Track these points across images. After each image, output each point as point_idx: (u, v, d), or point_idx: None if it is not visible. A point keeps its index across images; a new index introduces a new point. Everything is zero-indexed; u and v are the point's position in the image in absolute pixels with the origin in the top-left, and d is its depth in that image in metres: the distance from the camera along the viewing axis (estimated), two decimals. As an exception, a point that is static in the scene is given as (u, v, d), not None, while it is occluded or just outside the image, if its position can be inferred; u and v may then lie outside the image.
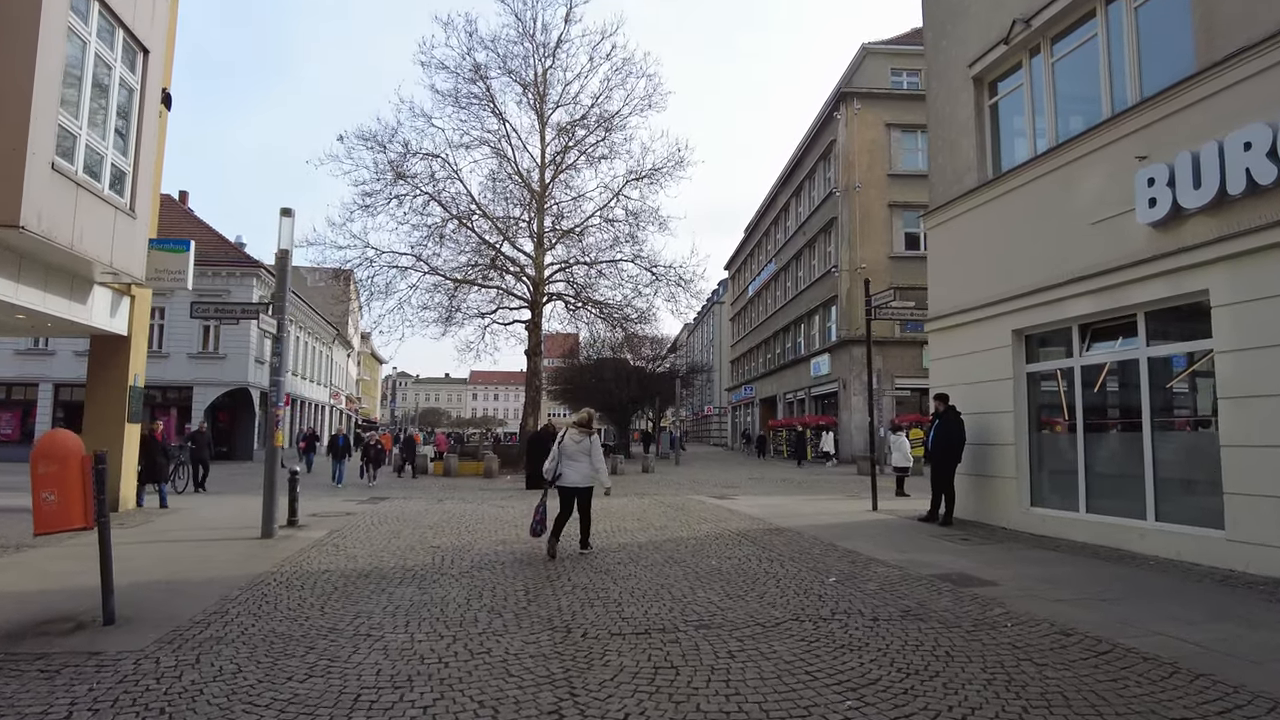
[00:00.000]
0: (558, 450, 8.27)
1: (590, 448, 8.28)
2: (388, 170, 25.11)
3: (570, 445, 8.24)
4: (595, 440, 8.44)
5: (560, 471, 8.19)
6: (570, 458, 8.21)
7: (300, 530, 10.13)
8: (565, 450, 8.23)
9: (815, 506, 13.16)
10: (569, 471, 8.19)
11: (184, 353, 31.79)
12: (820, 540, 9.05)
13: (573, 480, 8.21)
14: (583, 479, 8.25)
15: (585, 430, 8.42)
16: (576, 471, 8.20)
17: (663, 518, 11.52)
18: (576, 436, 8.30)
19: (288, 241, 9.78)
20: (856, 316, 31.64)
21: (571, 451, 8.22)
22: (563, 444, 8.27)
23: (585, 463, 8.23)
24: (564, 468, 8.19)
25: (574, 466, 8.20)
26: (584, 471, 8.23)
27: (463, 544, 9.01)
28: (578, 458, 8.22)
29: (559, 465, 8.20)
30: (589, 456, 8.24)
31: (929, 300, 12.09)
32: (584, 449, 8.25)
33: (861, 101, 32.96)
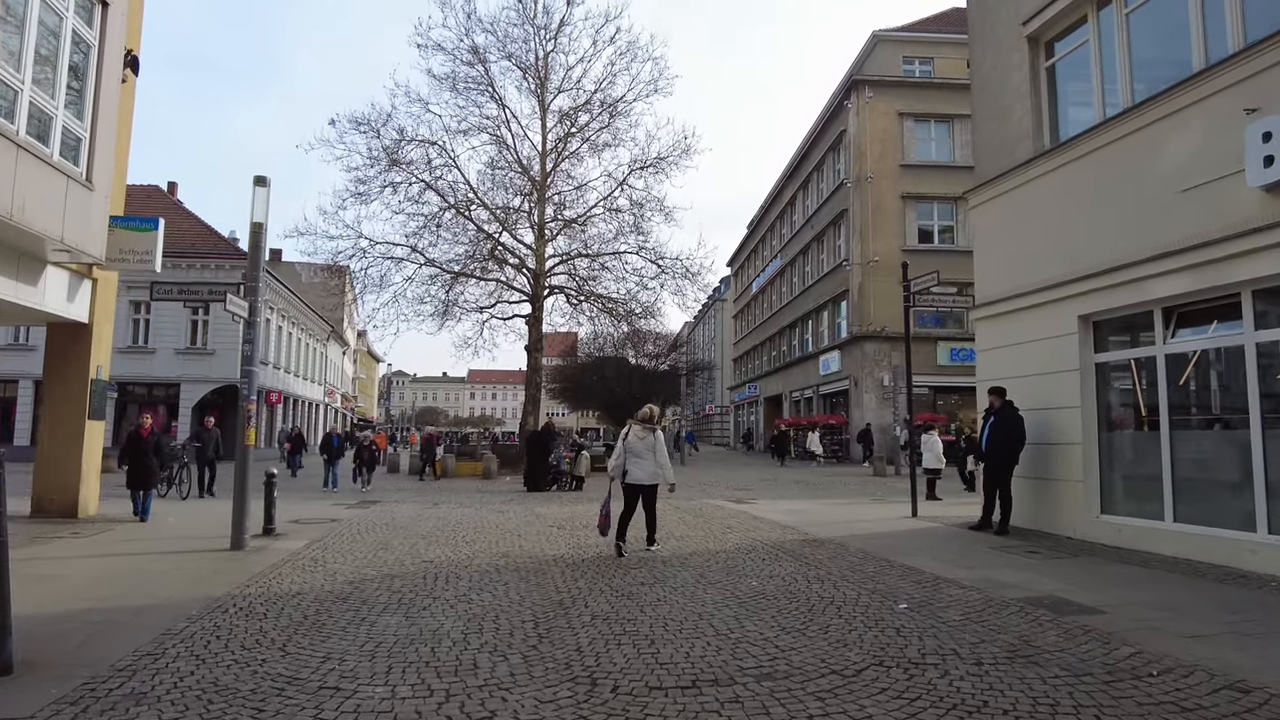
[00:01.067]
0: (622, 447, 8.32)
1: (655, 444, 8.22)
2: (382, 156, 23.94)
3: (635, 442, 8.21)
4: (660, 436, 8.35)
5: (626, 469, 8.19)
6: (636, 455, 8.19)
7: (276, 540, 9.00)
8: (630, 447, 8.22)
9: (847, 513, 12.04)
10: (634, 469, 8.17)
11: (170, 348, 30.64)
12: (869, 554, 7.93)
13: (638, 477, 8.19)
14: (648, 476, 8.20)
15: (649, 426, 8.33)
16: (642, 469, 8.17)
17: (682, 526, 10.39)
18: (641, 433, 8.24)
19: (262, 214, 8.65)
20: (869, 311, 30.58)
21: (637, 449, 8.19)
22: (627, 441, 8.28)
23: (650, 459, 8.19)
24: (629, 465, 8.19)
25: (639, 464, 8.17)
26: (649, 468, 8.18)
27: (459, 558, 7.88)
28: (643, 454, 8.18)
29: (624, 462, 8.21)
30: (654, 453, 8.19)
31: (976, 285, 10.98)
32: (649, 445, 8.20)
33: (873, 89, 31.85)
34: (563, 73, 25.97)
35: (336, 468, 18.69)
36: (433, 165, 24.86)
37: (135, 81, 11.66)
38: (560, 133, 25.91)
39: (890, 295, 30.87)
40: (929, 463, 14.35)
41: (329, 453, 19.13)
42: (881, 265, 30.57)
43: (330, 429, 21.85)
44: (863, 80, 32.00)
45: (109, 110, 9.80)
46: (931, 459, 14.33)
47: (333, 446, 19.22)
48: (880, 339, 30.39)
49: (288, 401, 39.86)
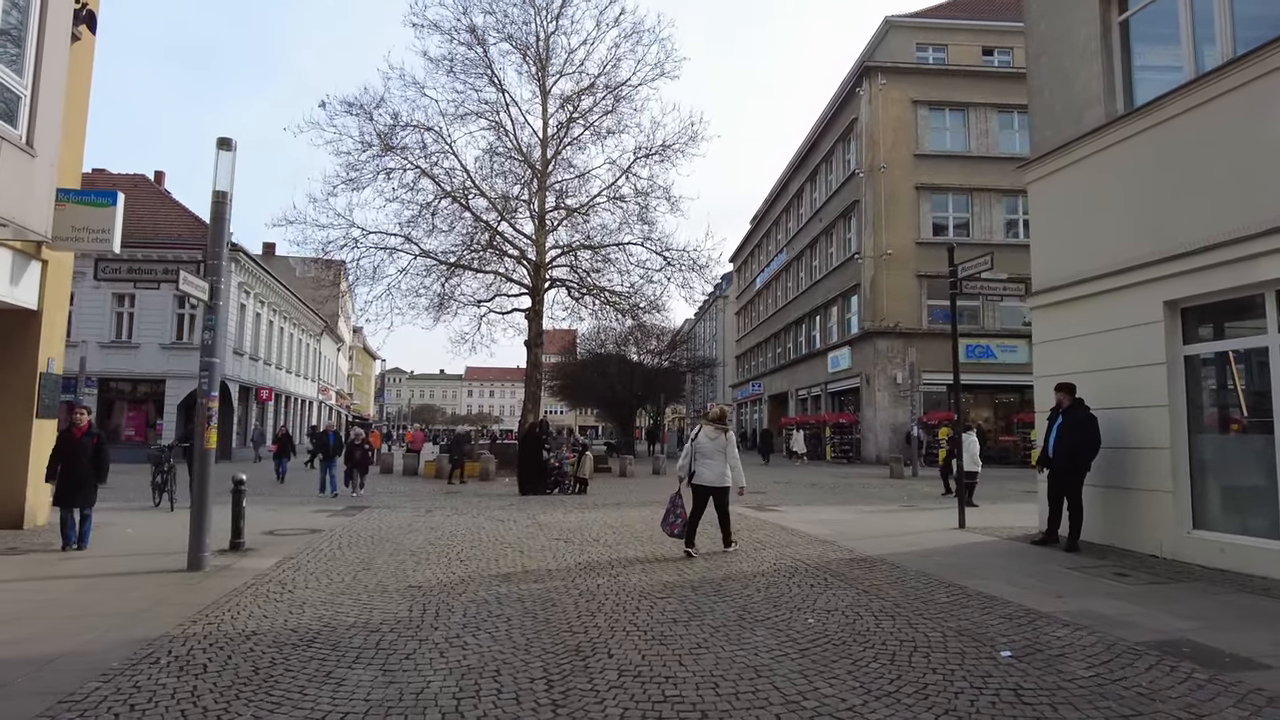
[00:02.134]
0: (691, 448, 8.12)
1: (726, 445, 8.01)
2: (375, 141, 22.73)
3: (705, 443, 8.01)
4: (731, 437, 8.15)
5: (694, 469, 8.00)
6: (705, 455, 8.00)
7: (243, 558, 7.84)
8: (700, 448, 8.03)
9: (885, 523, 10.89)
10: (703, 470, 7.98)
11: (155, 343, 29.41)
12: (932, 577, 6.78)
13: (707, 479, 7.98)
14: (717, 477, 7.98)
15: (720, 427, 8.10)
16: (711, 470, 7.97)
17: (707, 540, 9.24)
18: (711, 433, 8.03)
19: (226, 181, 7.48)
20: (881, 306, 29.46)
21: (706, 449, 8.00)
22: (697, 441, 8.09)
23: (720, 460, 7.98)
24: (698, 466, 8.00)
25: (708, 465, 7.97)
26: (718, 470, 7.97)
27: (452, 580, 6.73)
28: (713, 455, 7.98)
29: (693, 463, 8.03)
30: (724, 454, 7.99)
31: (1033, 270, 9.82)
32: (719, 446, 8.00)
33: (886, 76, 30.72)
34: (564, 55, 24.80)
35: (334, 469, 16.64)
36: (428, 151, 23.68)
37: (94, 43, 10.49)
38: (562, 118, 24.72)
39: (904, 290, 29.82)
40: (965, 465, 13.16)
41: (325, 453, 17.02)
42: (895, 258, 29.50)
43: (327, 426, 20.14)
44: (875, 67, 30.86)
45: (55, 68, 8.63)
46: (968, 461, 13.15)
47: (329, 446, 17.05)
48: (893, 335, 29.27)
49: (279, 399, 38.66)
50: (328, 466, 16.52)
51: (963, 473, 13.08)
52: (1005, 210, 30.45)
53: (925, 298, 29.88)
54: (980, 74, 31.24)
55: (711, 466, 7.95)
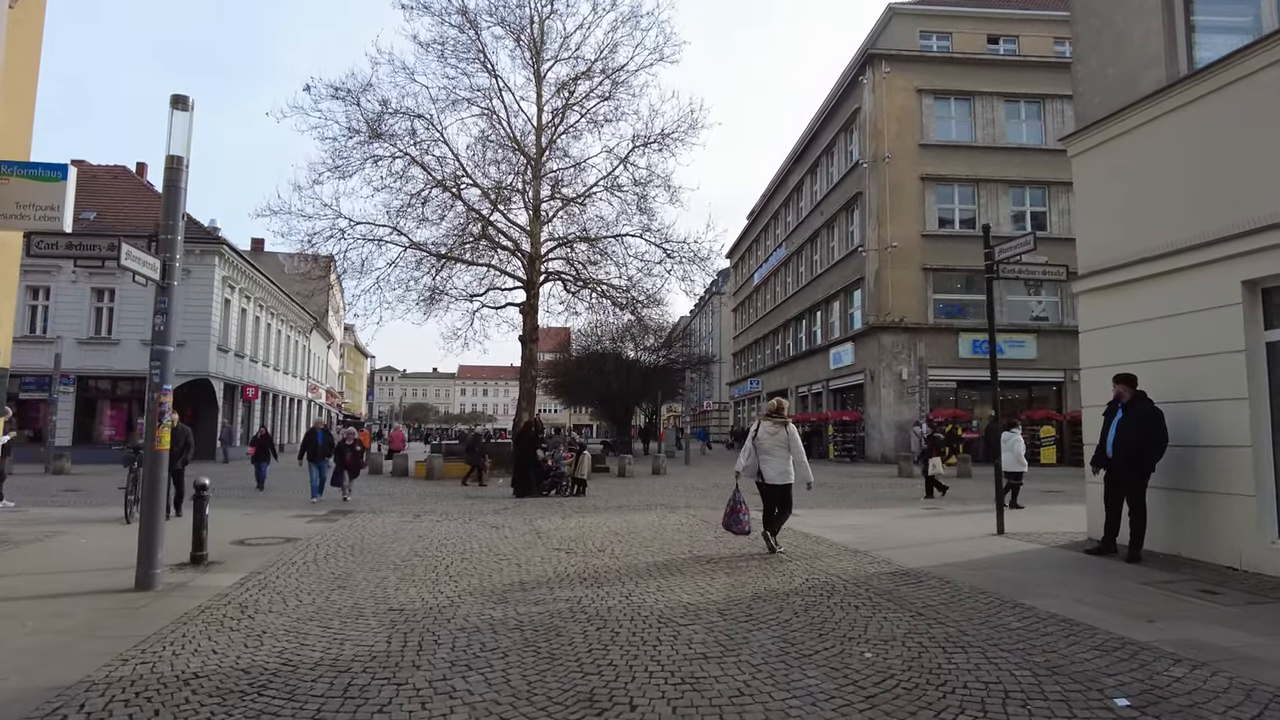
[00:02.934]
0: (752, 445, 7.81)
1: (788, 440, 7.70)
2: (362, 126, 21.74)
3: (766, 439, 7.72)
4: (793, 431, 7.80)
5: (760, 469, 7.74)
6: (767, 452, 7.71)
7: (204, 573, 6.92)
8: (761, 445, 7.74)
9: (915, 529, 10.02)
10: (767, 468, 7.70)
11: (136, 339, 28.26)
12: (991, 595, 5.92)
13: (771, 477, 7.70)
14: (779, 474, 7.69)
15: (779, 420, 7.78)
16: (774, 467, 7.68)
17: (723, 549, 8.35)
18: (771, 429, 7.74)
19: (181, 144, 6.55)
20: (886, 301, 28.62)
21: (768, 445, 7.71)
22: (757, 438, 7.77)
23: (783, 457, 7.70)
24: (762, 464, 7.72)
25: (772, 462, 7.68)
26: (780, 466, 7.69)
27: (440, 603, 5.82)
28: (775, 452, 7.69)
29: (756, 460, 7.75)
30: (786, 450, 7.69)
31: (1079, 250, 8.97)
32: (780, 441, 7.70)
33: (890, 64, 29.89)
34: (560, 40, 23.86)
35: (324, 471, 15.06)
36: (418, 139, 22.69)
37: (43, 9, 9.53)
38: (557, 105, 23.79)
39: (910, 283, 29.00)
40: (1009, 465, 12.33)
41: (313, 452, 15.17)
42: (900, 251, 28.68)
43: (315, 423, 16.90)
44: (879, 54, 30.02)
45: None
46: (1012, 460, 12.31)
47: (318, 445, 15.20)
48: (898, 330, 28.46)
49: (266, 397, 37.61)
50: (317, 468, 14.94)
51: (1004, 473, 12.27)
52: (1012, 202, 29.70)
53: (931, 292, 29.08)
54: (986, 62, 30.47)
55: (774, 463, 7.67)
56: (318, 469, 14.95)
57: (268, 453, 17.40)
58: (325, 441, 15.43)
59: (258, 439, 18.12)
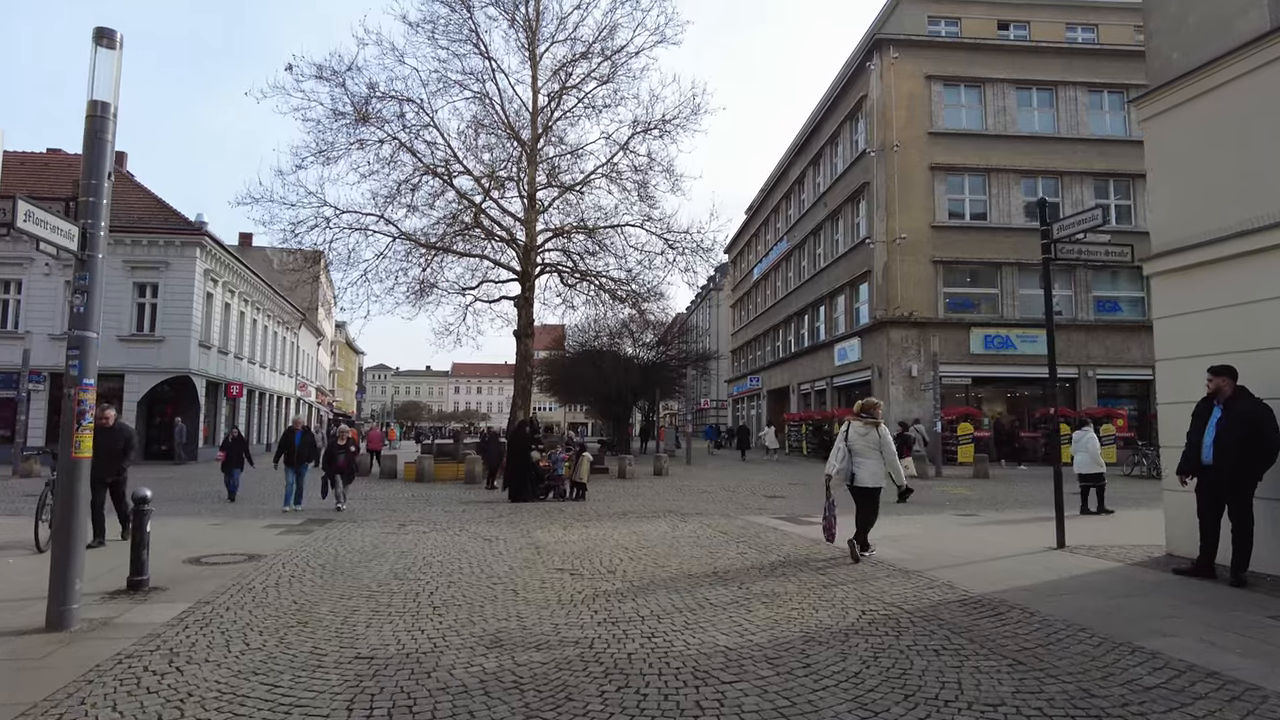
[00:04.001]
0: (845, 447, 7.50)
1: (880, 441, 7.45)
2: (348, 108, 20.57)
3: (857, 440, 7.45)
4: (884, 432, 7.53)
5: (852, 471, 7.45)
6: (859, 454, 7.44)
7: (139, 604, 5.79)
8: (853, 446, 7.46)
9: (962, 540, 8.93)
10: (861, 470, 7.43)
11: (113, 334, 26.97)
12: (1096, 633, 4.83)
13: (863, 480, 7.43)
14: (871, 477, 7.44)
15: (870, 421, 7.48)
16: (866, 470, 7.43)
17: (757, 572, 7.25)
18: (862, 429, 7.45)
19: (106, 89, 5.42)
20: (895, 295, 27.54)
21: (859, 447, 7.44)
22: (849, 439, 7.48)
23: (874, 459, 7.44)
24: (855, 466, 7.45)
25: (864, 464, 7.43)
26: (872, 469, 7.43)
27: (419, 648, 4.71)
28: (867, 454, 7.43)
29: (849, 464, 7.45)
30: (878, 452, 7.43)
31: (1153, 226, 7.91)
32: (872, 443, 7.44)
33: (898, 49, 28.79)
34: (556, 21, 22.73)
35: (302, 477, 13.27)
36: (408, 123, 21.52)
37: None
38: (554, 88, 22.66)
39: (919, 276, 27.94)
40: (1085, 466, 11.31)
41: (290, 455, 13.42)
42: (909, 243, 27.60)
43: (294, 422, 14.87)
44: (886, 39, 28.93)
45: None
46: (1088, 461, 11.28)
47: (294, 447, 13.42)
48: (907, 324, 27.41)
49: (252, 395, 36.38)
50: (294, 472, 13.19)
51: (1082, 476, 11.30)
52: (1024, 192, 28.68)
53: (941, 285, 28.03)
54: (997, 48, 29.43)
55: (866, 466, 7.39)
56: (295, 474, 13.23)
57: (241, 458, 14.70)
58: (305, 443, 13.69)
59: (228, 442, 15.24)
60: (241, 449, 14.73)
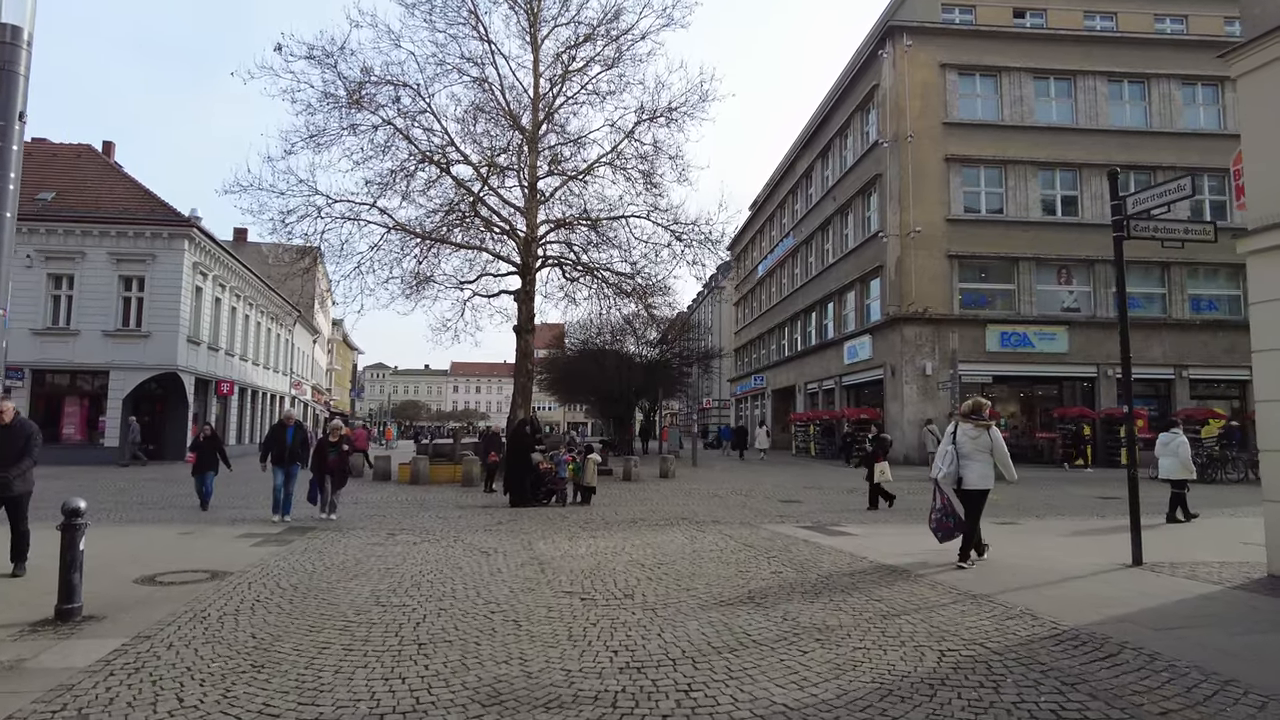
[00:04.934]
0: (953, 449, 7.26)
1: (991, 443, 7.17)
2: (340, 92, 19.56)
3: (966, 442, 7.20)
4: (995, 434, 7.24)
5: (960, 474, 7.19)
6: (967, 456, 7.20)
7: (64, 639, 4.81)
8: (962, 448, 7.21)
9: (1020, 555, 7.90)
10: (969, 472, 7.19)
11: (98, 330, 26.07)
12: (1247, 687, 3.87)
13: (973, 482, 7.17)
14: (979, 479, 7.15)
15: (980, 422, 7.21)
16: (976, 471, 7.16)
17: (789, 590, 6.28)
18: (972, 431, 7.21)
19: (19, 11, 4.42)
20: (909, 290, 26.57)
21: (969, 449, 7.19)
22: (957, 441, 7.24)
23: (984, 461, 7.17)
24: (963, 468, 7.20)
25: (973, 466, 7.18)
26: (981, 471, 7.15)
27: (398, 707, 3.72)
28: (975, 456, 7.17)
29: (956, 466, 7.19)
30: (988, 454, 7.16)
31: (1249, 197, 6.93)
32: (983, 445, 7.18)
33: (912, 37, 27.83)
34: (559, 3, 21.71)
35: (289, 480, 11.34)
36: (403, 108, 20.52)
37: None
38: (556, 72, 21.67)
39: (934, 271, 26.96)
40: (1173, 472, 10.39)
41: (279, 453, 11.36)
42: (924, 237, 26.63)
43: (284, 415, 12.44)
44: (900, 26, 27.95)
45: None
46: (1176, 467, 10.36)
47: (284, 443, 11.38)
48: (922, 321, 26.44)
49: (244, 394, 35.37)
50: (283, 474, 11.30)
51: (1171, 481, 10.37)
52: (1041, 185, 27.72)
53: (957, 280, 27.06)
54: (1013, 35, 28.44)
55: (975, 468, 7.12)
56: (284, 476, 11.29)
57: (215, 460, 12.69)
58: (297, 440, 11.58)
59: (199, 441, 12.99)
60: (215, 449, 12.85)
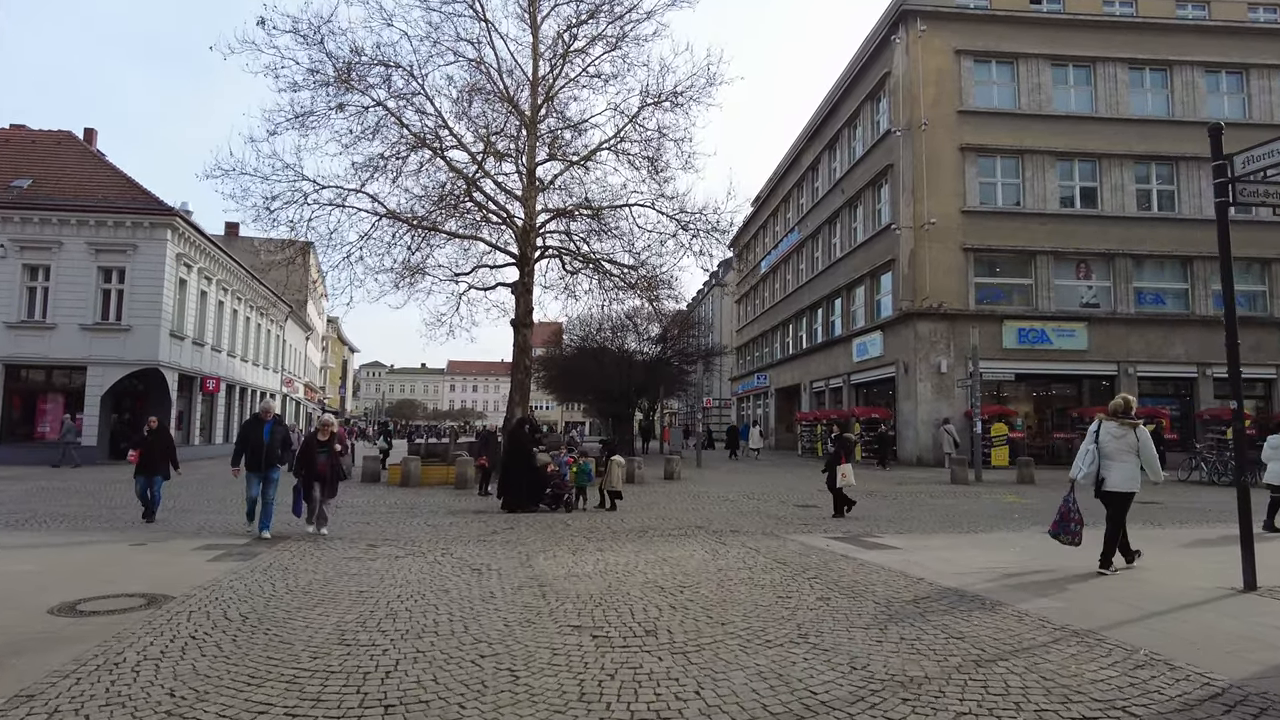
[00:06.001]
0: (1094, 448, 6.76)
1: (1137, 444, 6.61)
2: (327, 69, 18.42)
3: (1109, 441, 6.70)
4: (1143, 433, 6.69)
5: (1101, 475, 6.72)
6: (1110, 456, 6.68)
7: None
8: (1105, 448, 6.71)
9: (1108, 577, 6.83)
10: (1111, 473, 6.68)
11: (75, 323, 24.89)
12: None
13: (1115, 484, 6.68)
14: (1123, 481, 6.64)
15: (1127, 421, 6.67)
16: (1119, 473, 6.66)
17: (846, 624, 5.16)
18: (1116, 430, 6.70)
19: None
20: (923, 284, 25.48)
21: (1112, 449, 6.68)
22: (1099, 440, 6.75)
23: (1129, 462, 6.63)
24: (1104, 468, 6.71)
25: (1116, 467, 6.66)
26: (1126, 472, 6.64)
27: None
28: (1119, 456, 6.65)
29: (1098, 467, 6.71)
30: (1134, 454, 6.61)
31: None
32: (1128, 445, 6.64)
33: (926, 21, 26.72)
34: (559, -16, 20.58)
35: (270, 486, 9.46)
36: (394, 88, 19.39)
37: None
38: (558, 50, 20.55)
39: (949, 265, 25.83)
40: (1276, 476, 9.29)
41: (255, 455, 9.44)
42: (938, 230, 25.53)
43: (262, 409, 10.07)
44: (913, 10, 26.84)
45: None
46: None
47: (262, 443, 9.46)
48: (936, 317, 25.35)
49: (231, 391, 34.18)
50: (259, 480, 9.44)
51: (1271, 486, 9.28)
52: (1059, 176, 26.64)
53: (973, 275, 25.97)
54: (1030, 20, 27.35)
55: (1118, 468, 6.65)
56: (260, 482, 9.44)
57: (165, 460, 10.70)
58: (275, 438, 9.65)
59: (144, 436, 10.84)
60: (164, 446, 10.74)
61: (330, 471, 9.65)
